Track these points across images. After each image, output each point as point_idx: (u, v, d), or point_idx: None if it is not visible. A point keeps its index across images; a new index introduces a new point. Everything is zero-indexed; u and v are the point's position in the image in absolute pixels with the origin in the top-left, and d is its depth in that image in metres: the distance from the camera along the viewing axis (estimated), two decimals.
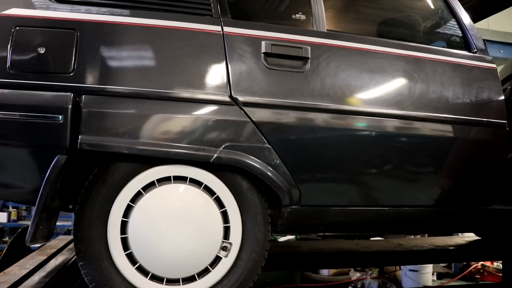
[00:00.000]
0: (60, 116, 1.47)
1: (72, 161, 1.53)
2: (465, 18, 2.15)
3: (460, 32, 2.14)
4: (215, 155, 1.59)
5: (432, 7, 2.29)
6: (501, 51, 6.26)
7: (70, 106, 1.47)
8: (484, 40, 2.17)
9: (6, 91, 1.47)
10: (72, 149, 1.49)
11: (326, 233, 2.97)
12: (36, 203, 1.41)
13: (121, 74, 1.58)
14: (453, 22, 2.17)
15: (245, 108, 1.66)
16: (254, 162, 1.64)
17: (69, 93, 1.49)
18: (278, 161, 1.68)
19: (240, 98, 1.66)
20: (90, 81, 1.54)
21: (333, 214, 1.84)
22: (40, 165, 1.49)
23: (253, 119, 1.66)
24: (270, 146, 1.67)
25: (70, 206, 1.74)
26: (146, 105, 1.57)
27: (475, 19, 2.59)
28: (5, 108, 1.46)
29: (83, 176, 1.62)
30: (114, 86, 1.55)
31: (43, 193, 1.42)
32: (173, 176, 1.64)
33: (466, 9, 2.18)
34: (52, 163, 1.44)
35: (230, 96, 1.66)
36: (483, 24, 5.56)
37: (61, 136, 1.47)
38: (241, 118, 1.65)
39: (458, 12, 2.15)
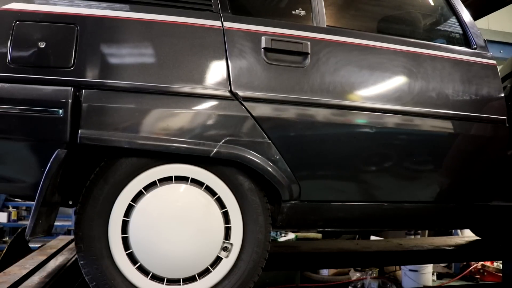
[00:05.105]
0: (60, 110, 1.47)
1: (72, 156, 1.53)
2: (465, 15, 2.15)
3: (460, 29, 2.14)
4: (215, 150, 1.59)
5: (433, 4, 2.30)
6: (501, 51, 6.27)
7: (70, 100, 1.47)
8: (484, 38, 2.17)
9: (6, 85, 1.47)
10: (72, 143, 1.49)
11: (326, 229, 2.96)
12: (36, 197, 1.41)
13: (121, 68, 1.58)
14: (453, 19, 2.17)
15: (245, 103, 1.66)
16: (254, 157, 1.64)
17: (69, 87, 1.49)
18: (278, 156, 1.68)
19: (240, 93, 1.66)
20: (91, 75, 1.54)
21: (333, 209, 1.83)
22: (40, 159, 1.49)
23: (253, 114, 1.66)
24: (270, 141, 1.67)
25: (70, 202, 1.73)
26: (146, 100, 1.57)
27: (475, 17, 2.59)
28: (6, 102, 1.46)
29: (84, 175, 1.62)
30: (115, 81, 1.55)
31: (43, 187, 1.42)
32: (175, 176, 1.64)
33: (466, 6, 2.19)
34: (52, 157, 1.44)
35: (230, 91, 1.65)
36: (483, 24, 5.58)
37: (61, 130, 1.47)
38: (241, 113, 1.65)
39: (458, 9, 2.15)
